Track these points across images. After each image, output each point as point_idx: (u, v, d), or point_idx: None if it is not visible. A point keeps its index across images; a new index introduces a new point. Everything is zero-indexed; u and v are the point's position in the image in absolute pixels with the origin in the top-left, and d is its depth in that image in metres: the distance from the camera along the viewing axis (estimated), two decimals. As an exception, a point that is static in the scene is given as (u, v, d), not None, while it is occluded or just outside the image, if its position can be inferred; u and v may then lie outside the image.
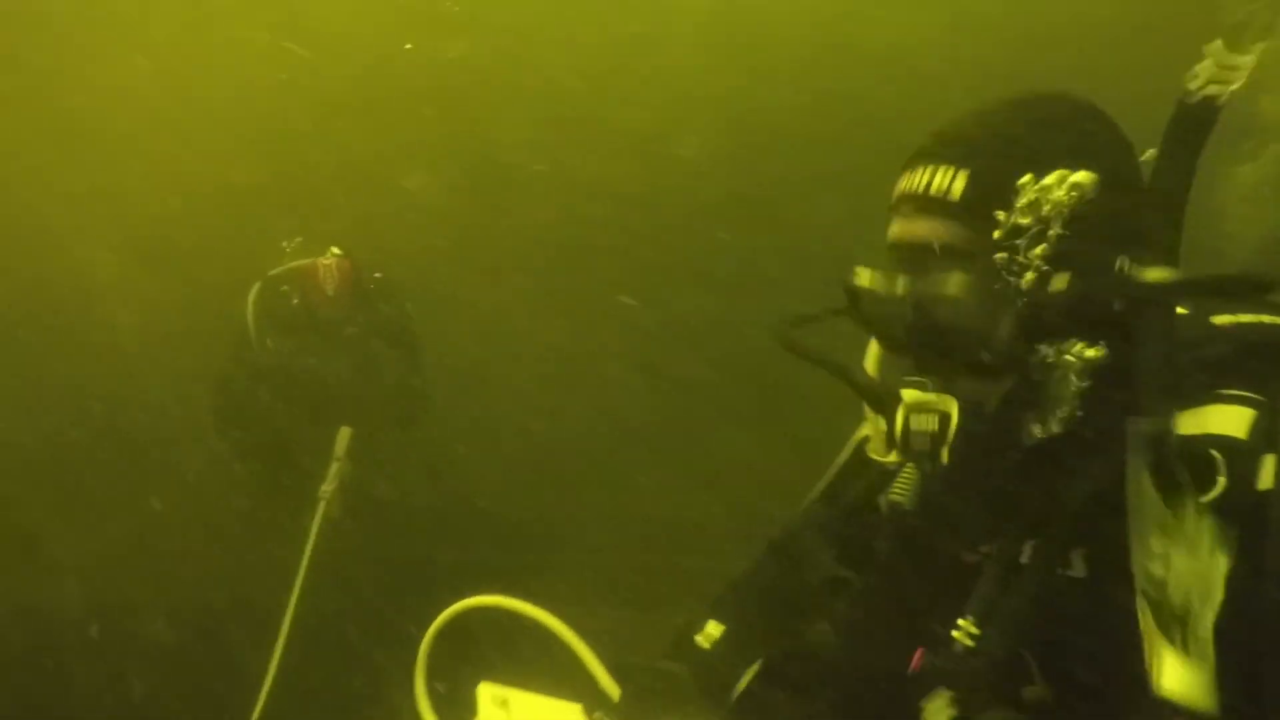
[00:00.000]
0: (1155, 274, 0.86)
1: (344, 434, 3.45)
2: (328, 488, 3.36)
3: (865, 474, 1.18)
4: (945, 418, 0.93)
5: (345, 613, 3.36)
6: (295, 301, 3.42)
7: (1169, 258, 0.86)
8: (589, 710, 1.29)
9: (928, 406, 0.95)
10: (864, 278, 0.99)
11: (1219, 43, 0.83)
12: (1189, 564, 0.80)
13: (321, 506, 3.33)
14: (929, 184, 0.94)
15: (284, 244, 3.62)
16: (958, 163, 0.93)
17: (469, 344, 4.52)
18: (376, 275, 3.61)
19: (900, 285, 0.96)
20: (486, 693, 1.31)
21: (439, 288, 4.35)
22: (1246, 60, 0.83)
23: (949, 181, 0.93)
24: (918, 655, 1.04)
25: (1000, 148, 0.93)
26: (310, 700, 3.10)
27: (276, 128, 4.99)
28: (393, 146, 5.01)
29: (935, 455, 0.94)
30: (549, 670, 1.32)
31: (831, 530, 1.23)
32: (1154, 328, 0.86)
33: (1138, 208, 0.89)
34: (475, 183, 5.25)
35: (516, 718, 1.27)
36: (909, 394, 0.96)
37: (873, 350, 1.12)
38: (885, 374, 1.08)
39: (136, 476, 4.12)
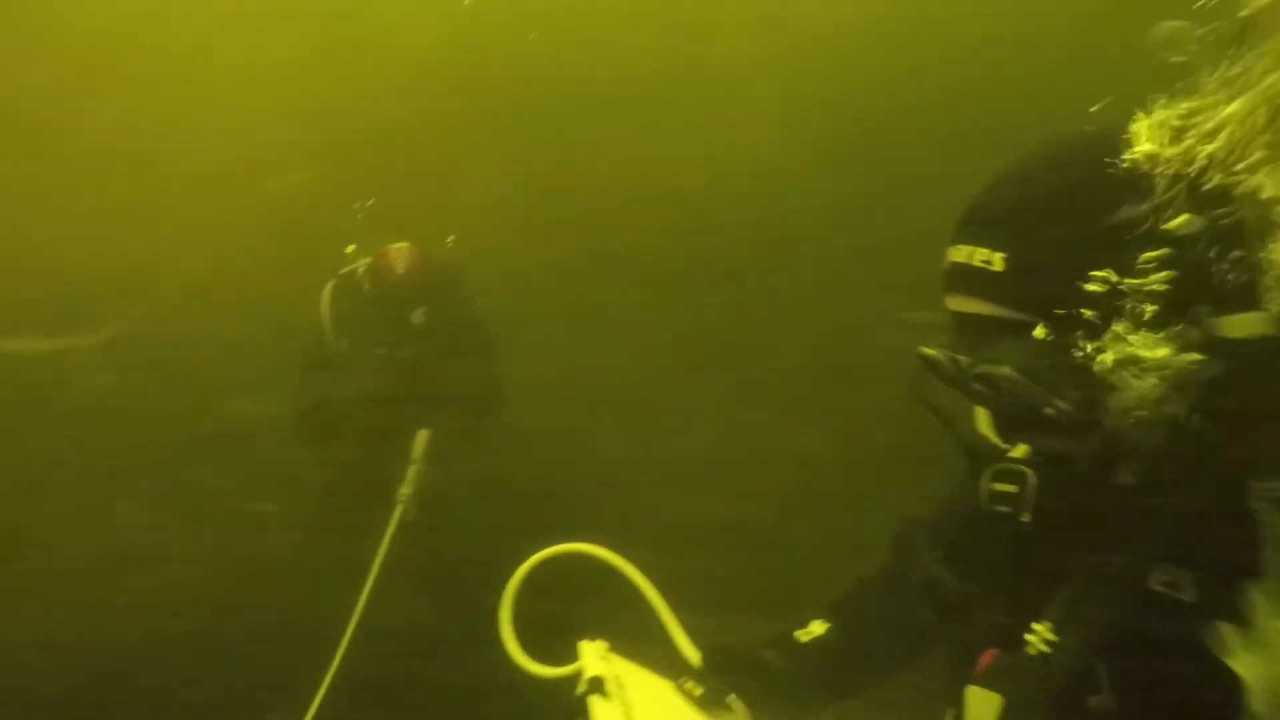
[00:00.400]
0: (1244, 323, 0.85)
1: (422, 436, 3.41)
2: (405, 490, 3.32)
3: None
4: (1026, 479, 0.98)
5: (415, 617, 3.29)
6: (367, 288, 3.41)
7: (1248, 298, 0.85)
8: (681, 685, 1.32)
9: (1010, 471, 1.00)
10: (932, 351, 1.01)
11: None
12: None
13: (399, 510, 3.25)
14: (973, 258, 0.96)
15: (355, 206, 3.65)
16: (999, 236, 0.95)
17: (549, 341, 4.45)
18: (447, 262, 3.59)
19: (964, 356, 0.99)
20: (590, 650, 1.35)
21: (512, 285, 4.26)
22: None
23: (991, 255, 0.94)
24: (988, 656, 1.03)
25: (1040, 216, 0.94)
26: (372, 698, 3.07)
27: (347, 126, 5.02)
28: (458, 143, 4.99)
29: (1017, 518, 0.98)
30: (631, 630, 1.37)
31: (938, 531, 1.25)
32: (1255, 378, 0.85)
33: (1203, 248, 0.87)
34: (549, 179, 5.20)
35: (617, 670, 1.28)
36: (999, 452, 1.01)
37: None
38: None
39: (218, 475, 4.12)
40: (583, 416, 4.35)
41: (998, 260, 0.93)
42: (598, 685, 1.23)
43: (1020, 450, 1.01)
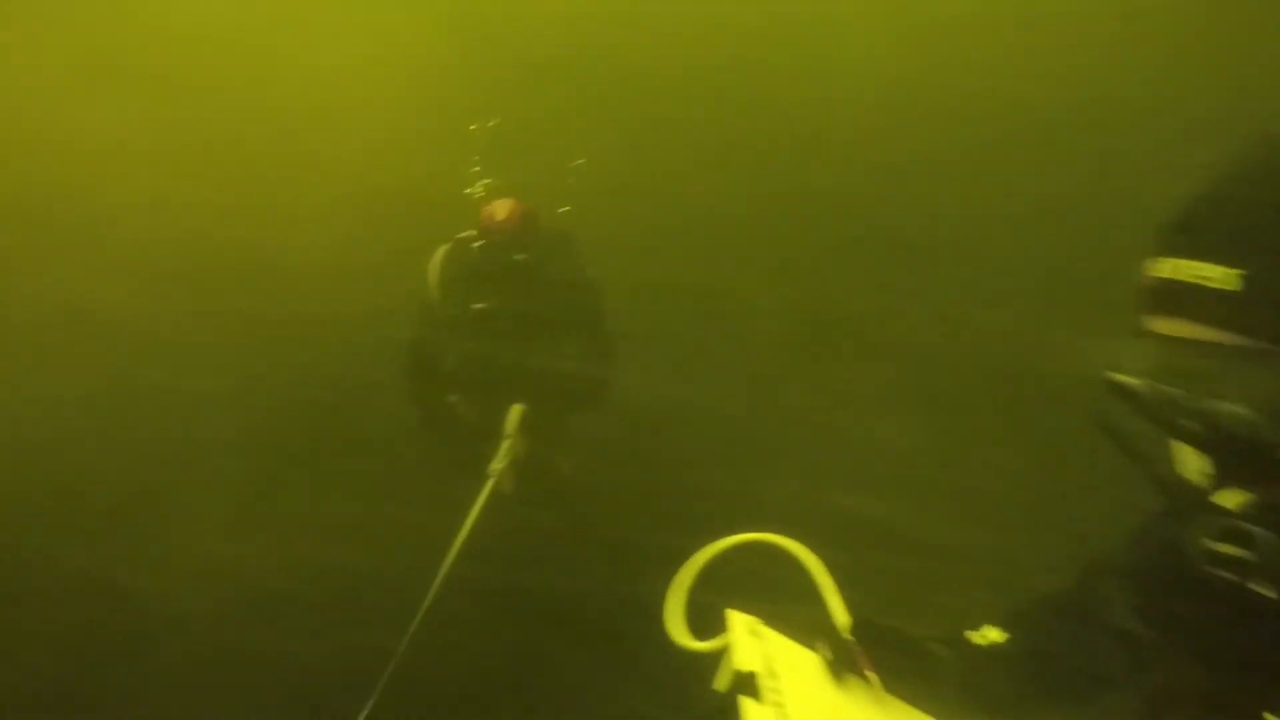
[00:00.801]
0: None
1: (516, 410, 3.28)
2: (497, 465, 3.18)
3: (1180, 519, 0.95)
4: (1250, 538, 0.81)
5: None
6: (475, 245, 3.32)
7: None
8: (815, 645, 1.29)
9: (1234, 530, 0.82)
10: (1132, 378, 0.87)
11: None
12: None
13: (489, 483, 3.11)
14: (1197, 275, 0.83)
15: (473, 128, 3.64)
16: (1233, 250, 0.81)
17: (671, 324, 4.28)
18: (556, 230, 3.47)
19: (1174, 388, 0.85)
20: (738, 620, 1.33)
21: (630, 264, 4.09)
22: None
23: (1223, 272, 0.81)
24: None
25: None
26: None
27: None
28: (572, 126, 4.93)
29: (1241, 586, 0.81)
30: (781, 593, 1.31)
31: (1132, 577, 1.10)
32: None
33: None
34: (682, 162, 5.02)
35: (768, 651, 1.26)
36: (1218, 499, 0.85)
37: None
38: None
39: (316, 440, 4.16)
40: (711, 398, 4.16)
41: (1231, 278, 0.80)
42: (749, 684, 1.18)
43: (1232, 499, 0.85)
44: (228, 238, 4.66)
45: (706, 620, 1.42)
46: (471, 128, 3.70)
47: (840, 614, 1.35)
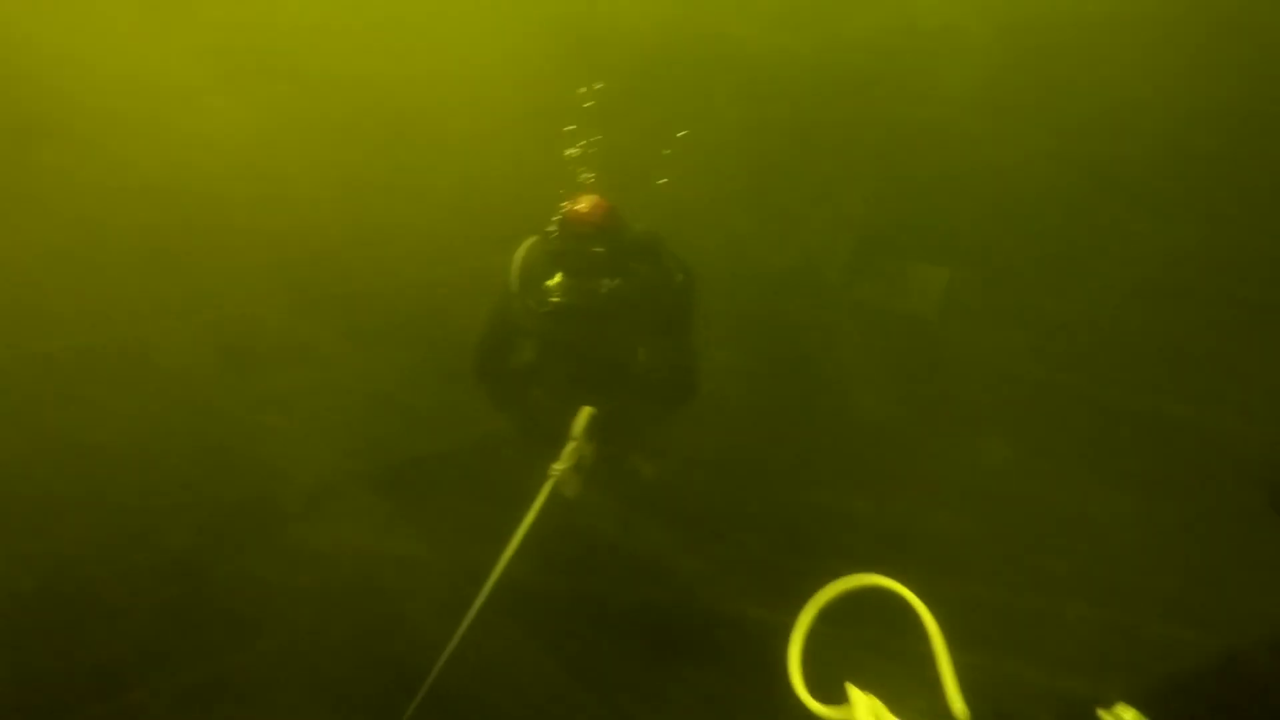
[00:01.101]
0: None
1: (584, 413, 3.16)
2: (559, 466, 3.07)
3: None
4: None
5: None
6: (555, 234, 3.22)
7: None
8: None
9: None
10: None
11: None
12: None
13: (548, 485, 3.03)
14: None
15: (582, 90, 3.56)
16: None
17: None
18: (642, 232, 3.31)
19: None
20: (860, 700, 1.34)
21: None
22: None
23: None
24: None
25: None
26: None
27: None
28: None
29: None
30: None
31: None
32: None
33: None
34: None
35: None
36: None
37: None
38: None
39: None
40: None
41: None
42: None
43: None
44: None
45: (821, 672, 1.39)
46: (580, 90, 3.62)
47: (958, 704, 1.31)
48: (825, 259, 4.47)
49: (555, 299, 3.18)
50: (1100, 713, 1.22)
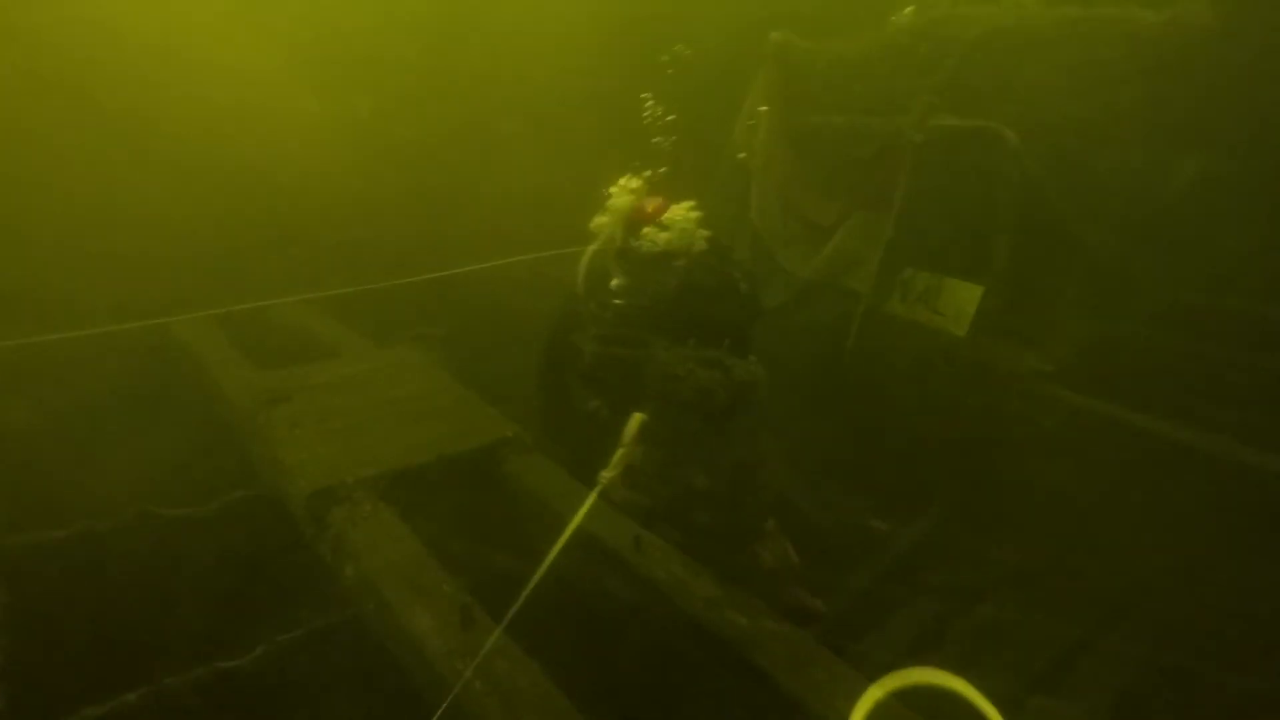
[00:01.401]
0: None
1: (635, 419, 3.09)
2: (608, 473, 3.03)
3: None
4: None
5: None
6: (619, 244, 3.21)
7: None
8: None
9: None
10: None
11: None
12: None
13: (594, 493, 2.99)
14: None
15: (665, 59, 3.65)
16: None
17: None
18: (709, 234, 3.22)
19: None
20: None
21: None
22: None
23: None
24: None
25: None
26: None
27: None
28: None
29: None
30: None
31: None
32: None
33: None
34: None
35: None
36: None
37: None
38: None
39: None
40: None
41: None
42: None
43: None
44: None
45: None
46: (663, 58, 3.68)
47: None
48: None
49: (618, 300, 3.14)
50: None
